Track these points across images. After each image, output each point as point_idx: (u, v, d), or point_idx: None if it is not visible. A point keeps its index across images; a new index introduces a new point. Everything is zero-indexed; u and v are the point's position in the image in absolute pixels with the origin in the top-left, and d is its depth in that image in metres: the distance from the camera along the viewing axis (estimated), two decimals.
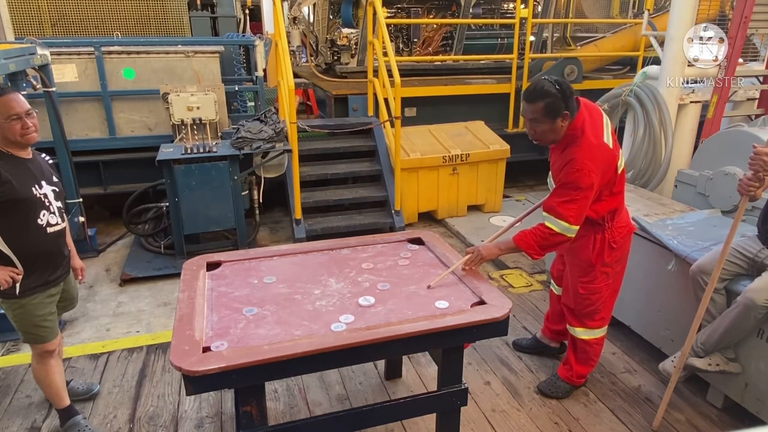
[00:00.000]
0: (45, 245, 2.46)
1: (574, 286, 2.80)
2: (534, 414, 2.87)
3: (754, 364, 2.65)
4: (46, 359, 2.58)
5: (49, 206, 2.46)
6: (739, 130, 3.67)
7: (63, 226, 2.56)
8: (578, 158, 2.42)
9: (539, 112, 2.42)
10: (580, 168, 2.41)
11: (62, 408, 2.68)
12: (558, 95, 2.38)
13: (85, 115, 5.17)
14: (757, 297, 2.45)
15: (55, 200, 2.52)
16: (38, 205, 2.41)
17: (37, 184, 2.43)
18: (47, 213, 2.45)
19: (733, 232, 2.43)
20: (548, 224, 2.50)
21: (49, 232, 2.46)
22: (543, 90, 2.40)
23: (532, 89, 2.45)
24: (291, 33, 7.75)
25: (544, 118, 2.43)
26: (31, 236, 2.40)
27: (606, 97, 4.84)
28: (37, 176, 2.44)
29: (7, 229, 2.35)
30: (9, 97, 2.31)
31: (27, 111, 2.35)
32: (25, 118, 2.34)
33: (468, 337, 2.26)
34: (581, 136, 2.46)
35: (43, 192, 2.44)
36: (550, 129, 2.46)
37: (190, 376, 1.80)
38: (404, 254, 2.73)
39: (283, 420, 2.80)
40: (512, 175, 6.41)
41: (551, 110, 2.40)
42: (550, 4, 7.90)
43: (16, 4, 5.88)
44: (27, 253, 2.41)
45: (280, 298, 2.30)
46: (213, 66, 5.45)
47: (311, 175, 5.36)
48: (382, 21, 5.28)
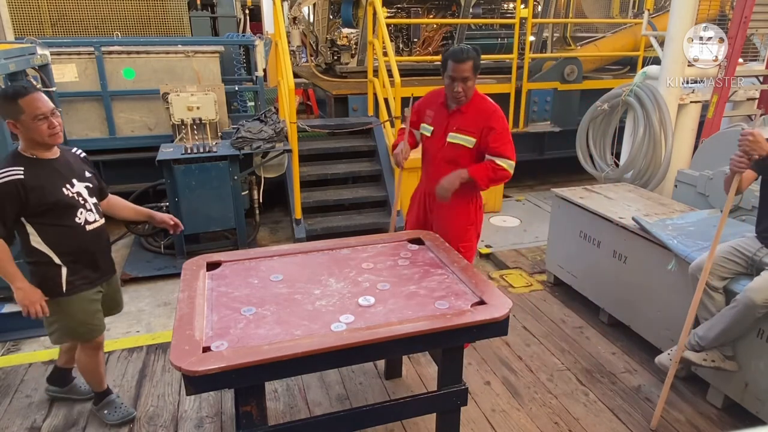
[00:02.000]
0: (86, 244, 2.45)
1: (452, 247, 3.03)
2: (534, 414, 2.87)
3: (754, 363, 2.65)
4: (95, 352, 2.65)
5: (84, 204, 2.43)
6: (739, 130, 3.67)
7: (101, 222, 2.53)
8: (498, 109, 2.92)
9: (470, 70, 2.79)
10: (503, 116, 2.93)
11: (100, 391, 2.79)
12: (478, 56, 2.82)
13: (85, 115, 5.17)
14: (756, 297, 2.46)
15: (90, 197, 2.48)
16: (73, 205, 2.39)
17: (68, 183, 2.39)
18: (84, 211, 2.43)
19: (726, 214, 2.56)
20: (499, 162, 2.89)
21: (88, 230, 2.45)
22: (469, 50, 2.80)
23: (460, 50, 2.80)
24: (291, 33, 7.76)
25: (473, 75, 2.82)
26: (71, 236, 2.39)
27: (606, 97, 4.84)
28: (66, 175, 2.40)
29: (46, 230, 2.35)
30: (34, 97, 2.25)
31: (52, 110, 2.30)
32: (51, 117, 2.29)
33: (468, 337, 2.26)
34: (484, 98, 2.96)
35: (75, 191, 2.41)
36: (472, 86, 2.87)
37: (190, 376, 1.79)
38: (404, 254, 2.72)
39: (283, 420, 2.80)
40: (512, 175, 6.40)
41: (477, 68, 2.82)
42: (550, 4, 7.90)
43: (16, 4, 5.89)
44: (69, 252, 2.41)
45: (280, 298, 2.30)
46: (213, 66, 5.45)
47: (311, 175, 5.36)
48: (382, 21, 5.29)
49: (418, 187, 3.28)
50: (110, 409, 2.80)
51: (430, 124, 3.08)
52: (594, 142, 5.08)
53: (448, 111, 2.99)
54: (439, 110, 3.04)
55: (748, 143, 2.41)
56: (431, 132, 3.06)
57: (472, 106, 2.94)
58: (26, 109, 2.23)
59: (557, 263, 4.18)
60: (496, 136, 2.87)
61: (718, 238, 2.57)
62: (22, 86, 2.31)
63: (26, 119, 2.24)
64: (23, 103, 2.22)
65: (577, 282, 3.97)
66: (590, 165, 5.14)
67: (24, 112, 2.23)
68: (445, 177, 2.90)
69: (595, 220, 3.68)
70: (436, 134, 3.03)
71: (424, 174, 3.21)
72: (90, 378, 2.76)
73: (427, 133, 3.08)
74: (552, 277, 4.27)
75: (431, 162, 3.09)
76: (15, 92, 2.25)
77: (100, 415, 2.80)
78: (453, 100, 2.93)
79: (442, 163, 3.01)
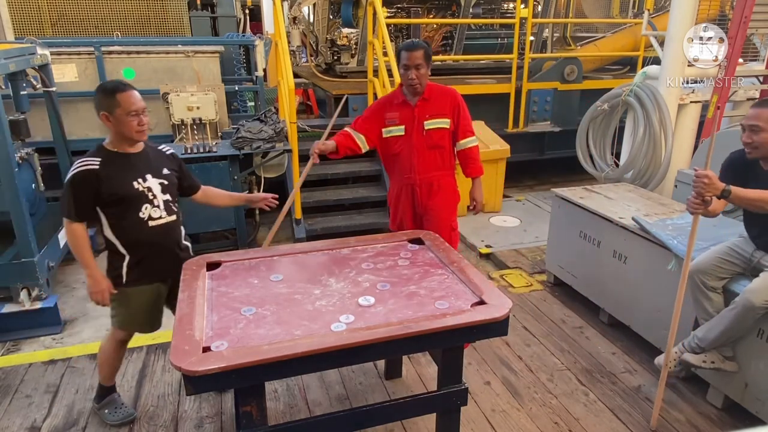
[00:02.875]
0: (148, 238, 2.52)
1: (446, 227, 3.28)
2: (534, 414, 2.87)
3: (754, 363, 2.65)
4: (120, 343, 2.72)
5: (152, 199, 2.51)
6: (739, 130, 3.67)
7: (168, 219, 2.58)
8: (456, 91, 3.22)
9: (422, 58, 2.99)
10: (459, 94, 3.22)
11: (107, 386, 2.82)
12: (428, 46, 3.07)
13: (85, 115, 5.17)
14: (755, 298, 2.46)
15: (163, 193, 2.55)
16: (140, 198, 2.48)
17: (141, 178, 2.49)
18: (150, 206, 2.51)
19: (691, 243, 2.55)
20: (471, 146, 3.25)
21: (151, 225, 2.52)
22: (419, 41, 3.08)
23: (411, 41, 3.09)
24: (291, 33, 7.75)
25: (425, 63, 3.01)
26: (134, 229, 2.49)
27: (606, 97, 4.84)
28: (141, 170, 2.51)
29: (114, 221, 2.48)
30: (130, 93, 2.39)
31: (143, 109, 2.44)
32: (141, 115, 2.43)
33: (468, 337, 2.26)
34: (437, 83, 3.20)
35: (146, 185, 2.50)
36: (426, 74, 3.05)
37: (190, 376, 1.79)
38: (404, 254, 2.72)
39: (283, 420, 2.80)
40: (512, 175, 6.41)
41: (428, 56, 3.02)
42: (550, 4, 7.90)
43: (16, 4, 5.88)
44: (132, 245, 2.52)
45: (280, 297, 2.30)
46: (213, 66, 5.45)
47: (311, 175, 5.33)
48: (382, 21, 5.28)
49: (400, 186, 3.30)
50: (111, 408, 2.80)
51: (398, 124, 3.18)
52: (594, 142, 5.08)
53: (412, 105, 3.15)
54: (402, 109, 3.17)
55: (703, 185, 2.39)
56: (404, 130, 3.18)
57: (434, 92, 3.15)
58: (122, 103, 2.37)
59: (557, 263, 4.19)
60: (464, 113, 3.20)
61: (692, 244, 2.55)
62: (120, 82, 2.45)
63: (120, 113, 2.38)
64: (120, 98, 2.36)
65: (577, 282, 3.97)
66: (590, 165, 5.14)
67: (119, 107, 2.37)
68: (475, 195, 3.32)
69: (595, 220, 3.68)
70: (409, 129, 3.17)
71: (404, 169, 3.25)
72: (103, 368, 2.80)
73: (400, 132, 3.19)
74: (552, 277, 4.27)
75: (413, 154, 3.19)
76: (114, 87, 2.40)
77: (101, 414, 2.80)
78: (410, 90, 3.11)
79: (425, 151, 3.19)
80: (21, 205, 3.54)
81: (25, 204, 3.62)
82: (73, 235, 2.46)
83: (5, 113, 3.48)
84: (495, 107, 6.64)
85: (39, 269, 3.64)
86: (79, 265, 2.81)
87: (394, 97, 3.22)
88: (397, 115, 3.17)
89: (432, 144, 3.17)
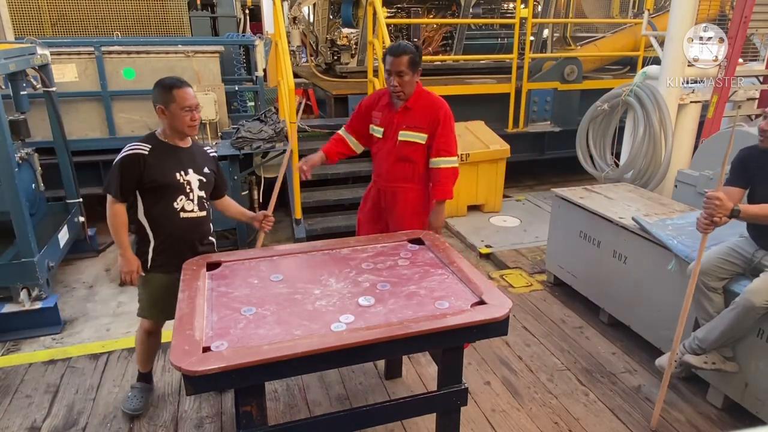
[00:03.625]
0: (176, 228, 2.64)
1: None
2: (534, 414, 2.87)
3: (754, 363, 2.65)
4: (146, 333, 2.82)
5: (189, 193, 2.64)
6: (739, 130, 3.67)
7: (199, 214, 2.70)
8: (445, 104, 3.00)
9: (406, 65, 2.85)
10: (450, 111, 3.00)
11: (142, 372, 2.95)
12: (417, 52, 2.89)
13: (85, 115, 5.17)
14: (755, 299, 2.46)
15: (199, 189, 2.68)
16: (178, 189, 2.61)
17: (183, 170, 2.62)
18: (185, 198, 2.64)
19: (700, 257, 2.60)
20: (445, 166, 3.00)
21: (182, 216, 2.64)
22: (406, 46, 2.90)
23: (396, 46, 2.91)
24: (291, 33, 7.75)
25: (408, 70, 2.86)
26: (166, 216, 2.61)
27: (606, 97, 4.84)
28: (185, 163, 2.64)
29: (150, 206, 2.60)
30: (186, 90, 2.54)
31: (197, 105, 2.58)
32: (194, 111, 2.56)
33: (468, 337, 2.26)
34: (429, 93, 3.01)
35: (187, 179, 2.63)
36: (410, 81, 2.90)
37: (190, 376, 1.79)
38: (404, 254, 2.72)
39: (283, 420, 2.80)
40: (512, 175, 6.41)
41: (414, 63, 2.87)
42: (550, 4, 7.91)
43: (16, 4, 5.88)
44: (160, 231, 2.63)
45: (280, 297, 2.30)
46: (213, 66, 5.45)
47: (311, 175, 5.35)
48: (382, 21, 5.28)
49: (371, 187, 3.32)
50: (136, 392, 2.91)
51: (378, 125, 3.12)
52: (594, 142, 5.08)
53: (395, 110, 3.04)
54: (386, 110, 3.08)
55: (714, 207, 2.39)
56: (382, 133, 3.10)
57: (420, 102, 3.00)
58: (177, 98, 2.51)
59: (557, 263, 4.19)
60: (444, 131, 2.99)
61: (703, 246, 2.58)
62: (178, 79, 2.58)
63: (175, 108, 2.52)
64: (177, 93, 2.51)
65: (577, 282, 3.97)
66: (590, 165, 5.14)
67: (175, 101, 2.51)
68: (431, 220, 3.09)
69: (595, 220, 3.68)
70: (387, 134, 3.08)
71: (376, 173, 3.24)
72: (141, 355, 2.93)
73: (378, 134, 3.13)
74: (552, 277, 4.27)
75: (384, 161, 3.14)
76: (172, 83, 2.53)
77: (127, 394, 2.93)
78: (393, 96, 3.01)
79: (395, 161, 3.08)
80: (21, 205, 3.54)
81: (25, 204, 3.62)
82: (114, 215, 2.58)
83: (5, 113, 3.48)
84: (495, 107, 6.65)
85: (39, 269, 3.64)
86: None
87: (383, 94, 3.14)
88: (380, 116, 3.11)
89: (402, 156, 3.05)
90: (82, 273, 4.50)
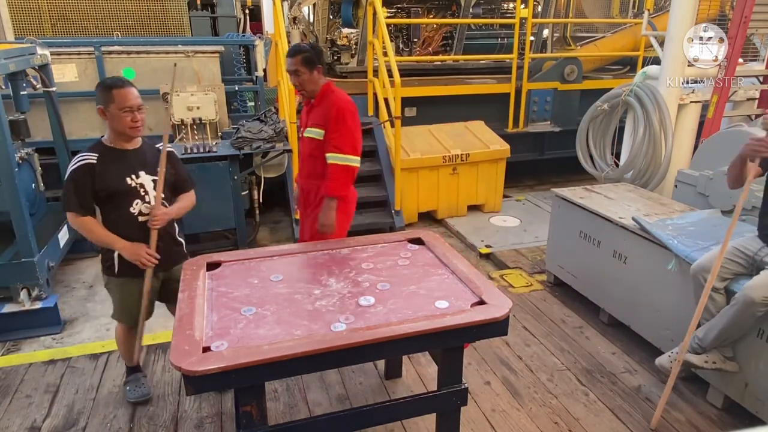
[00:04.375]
0: (137, 233, 2.58)
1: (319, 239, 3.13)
2: (534, 414, 2.87)
3: (754, 363, 2.65)
4: (123, 329, 2.85)
5: (144, 195, 2.58)
6: (739, 130, 3.67)
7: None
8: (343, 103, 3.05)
9: (298, 63, 2.99)
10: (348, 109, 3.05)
11: (129, 366, 3.00)
12: (312, 51, 3.03)
13: (85, 115, 5.17)
14: (755, 294, 2.45)
15: (155, 190, 2.60)
16: (131, 194, 2.56)
17: (134, 174, 2.57)
18: (141, 202, 2.58)
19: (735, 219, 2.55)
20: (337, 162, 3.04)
21: (141, 220, 2.59)
22: (301, 46, 3.06)
23: (292, 47, 3.06)
24: (291, 33, 7.74)
25: (303, 69, 3.00)
26: (124, 222, 2.57)
27: (606, 97, 4.84)
28: (135, 166, 2.58)
29: (107, 214, 2.57)
30: (127, 90, 2.48)
31: (139, 106, 2.52)
32: (136, 111, 2.50)
33: (468, 337, 2.25)
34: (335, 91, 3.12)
35: (139, 182, 2.58)
36: (309, 79, 3.03)
37: (190, 376, 1.80)
38: (404, 254, 2.73)
39: (283, 420, 2.80)
40: (512, 175, 6.41)
41: (308, 61, 2.99)
42: (550, 4, 7.90)
43: (16, 4, 5.88)
44: (121, 237, 2.56)
45: (280, 298, 2.30)
46: (213, 66, 5.45)
47: None
48: (382, 21, 5.28)
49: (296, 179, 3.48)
50: (132, 385, 2.95)
51: (300, 125, 3.35)
52: (594, 142, 5.08)
53: (307, 108, 3.23)
54: (304, 110, 3.29)
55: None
56: (301, 131, 3.30)
57: (324, 100, 3.11)
58: (117, 99, 2.45)
59: (557, 263, 4.18)
60: (338, 127, 3.04)
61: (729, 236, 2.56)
62: (119, 79, 2.54)
63: (114, 109, 2.46)
64: (116, 93, 2.45)
65: (577, 282, 3.97)
66: (590, 165, 5.14)
67: (114, 102, 2.45)
68: (319, 217, 3.12)
69: (595, 220, 3.68)
70: (300, 132, 3.29)
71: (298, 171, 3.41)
72: (121, 351, 2.96)
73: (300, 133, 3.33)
74: (552, 277, 4.27)
75: (299, 158, 3.36)
76: (112, 83, 2.49)
77: (125, 390, 2.96)
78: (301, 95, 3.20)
79: (306, 158, 3.25)
80: (21, 205, 3.54)
81: (25, 204, 3.62)
82: (82, 224, 2.53)
83: (5, 113, 3.48)
84: (495, 107, 6.65)
85: (39, 269, 3.64)
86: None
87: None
88: (301, 116, 3.30)
89: (308, 152, 3.20)
90: (82, 273, 4.50)
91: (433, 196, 5.64)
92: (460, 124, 6.14)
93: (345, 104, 3.06)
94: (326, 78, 3.16)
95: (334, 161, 3.06)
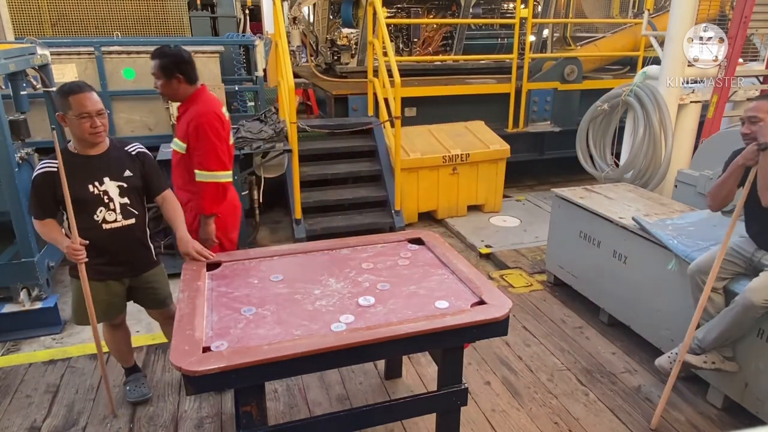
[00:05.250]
0: (100, 241, 2.53)
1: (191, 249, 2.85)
2: (534, 414, 2.87)
3: (754, 363, 2.65)
4: (112, 330, 2.86)
5: (108, 203, 2.52)
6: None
7: (124, 223, 2.57)
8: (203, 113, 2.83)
9: (155, 68, 2.83)
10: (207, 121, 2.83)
11: (126, 367, 3.02)
12: (168, 58, 2.82)
13: None
14: (755, 297, 2.46)
15: (120, 197, 2.54)
16: (95, 202, 2.49)
17: (97, 181, 2.49)
18: (105, 210, 2.51)
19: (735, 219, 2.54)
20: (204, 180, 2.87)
21: (105, 228, 2.53)
22: (160, 51, 2.85)
23: (156, 50, 2.88)
24: (291, 33, 7.75)
25: (160, 74, 2.83)
26: (89, 230, 2.50)
27: (606, 97, 4.84)
28: (98, 173, 2.50)
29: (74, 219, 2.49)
30: (84, 95, 2.39)
31: (98, 111, 2.43)
32: (95, 117, 2.42)
33: (468, 337, 2.26)
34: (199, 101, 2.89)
35: (103, 189, 2.50)
36: (165, 85, 2.85)
37: (190, 376, 1.80)
38: (404, 254, 2.73)
39: (283, 420, 2.80)
40: (512, 175, 6.41)
41: (164, 68, 2.81)
42: (550, 4, 7.90)
43: (16, 4, 5.88)
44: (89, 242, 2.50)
45: (280, 298, 2.30)
46: (213, 66, 5.44)
47: (311, 175, 5.35)
48: (382, 21, 5.28)
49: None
50: (131, 385, 2.96)
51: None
52: (594, 142, 5.08)
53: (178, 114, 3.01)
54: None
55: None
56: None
57: (187, 111, 2.90)
58: (73, 105, 2.37)
59: (557, 263, 4.19)
60: (200, 143, 2.83)
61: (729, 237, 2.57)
62: (77, 84, 2.46)
63: (71, 115, 2.39)
64: (72, 100, 2.37)
65: (577, 282, 3.97)
66: (590, 165, 5.14)
67: (71, 109, 2.38)
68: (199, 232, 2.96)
69: (595, 220, 3.68)
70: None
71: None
72: (113, 354, 2.98)
73: None
74: (552, 277, 4.27)
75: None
76: (69, 89, 2.40)
77: (125, 390, 2.97)
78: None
79: (176, 170, 3.03)
80: (21, 205, 3.54)
81: (25, 204, 3.62)
82: (41, 230, 2.52)
83: (5, 113, 3.48)
84: (495, 107, 6.65)
85: (39, 269, 3.64)
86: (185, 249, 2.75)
87: None
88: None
89: (175, 163, 3.01)
90: None
91: (433, 196, 5.64)
92: (460, 124, 6.14)
93: (205, 117, 2.83)
94: (194, 86, 2.92)
95: (201, 179, 2.89)
